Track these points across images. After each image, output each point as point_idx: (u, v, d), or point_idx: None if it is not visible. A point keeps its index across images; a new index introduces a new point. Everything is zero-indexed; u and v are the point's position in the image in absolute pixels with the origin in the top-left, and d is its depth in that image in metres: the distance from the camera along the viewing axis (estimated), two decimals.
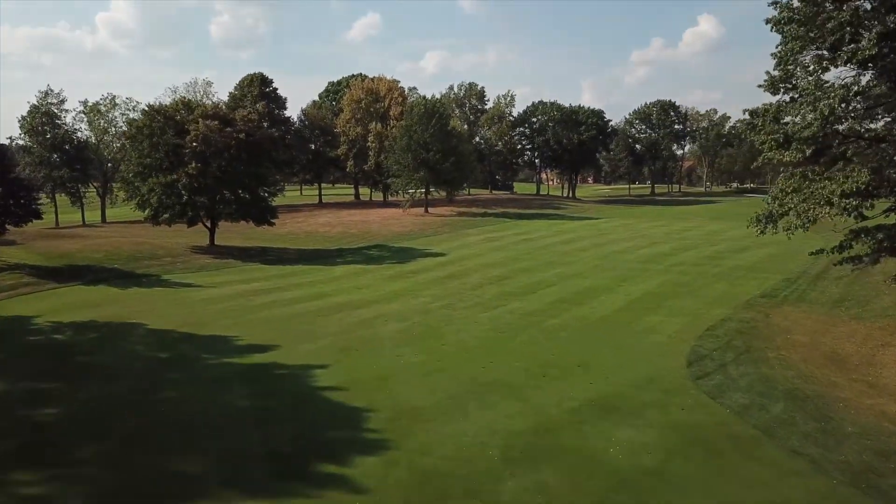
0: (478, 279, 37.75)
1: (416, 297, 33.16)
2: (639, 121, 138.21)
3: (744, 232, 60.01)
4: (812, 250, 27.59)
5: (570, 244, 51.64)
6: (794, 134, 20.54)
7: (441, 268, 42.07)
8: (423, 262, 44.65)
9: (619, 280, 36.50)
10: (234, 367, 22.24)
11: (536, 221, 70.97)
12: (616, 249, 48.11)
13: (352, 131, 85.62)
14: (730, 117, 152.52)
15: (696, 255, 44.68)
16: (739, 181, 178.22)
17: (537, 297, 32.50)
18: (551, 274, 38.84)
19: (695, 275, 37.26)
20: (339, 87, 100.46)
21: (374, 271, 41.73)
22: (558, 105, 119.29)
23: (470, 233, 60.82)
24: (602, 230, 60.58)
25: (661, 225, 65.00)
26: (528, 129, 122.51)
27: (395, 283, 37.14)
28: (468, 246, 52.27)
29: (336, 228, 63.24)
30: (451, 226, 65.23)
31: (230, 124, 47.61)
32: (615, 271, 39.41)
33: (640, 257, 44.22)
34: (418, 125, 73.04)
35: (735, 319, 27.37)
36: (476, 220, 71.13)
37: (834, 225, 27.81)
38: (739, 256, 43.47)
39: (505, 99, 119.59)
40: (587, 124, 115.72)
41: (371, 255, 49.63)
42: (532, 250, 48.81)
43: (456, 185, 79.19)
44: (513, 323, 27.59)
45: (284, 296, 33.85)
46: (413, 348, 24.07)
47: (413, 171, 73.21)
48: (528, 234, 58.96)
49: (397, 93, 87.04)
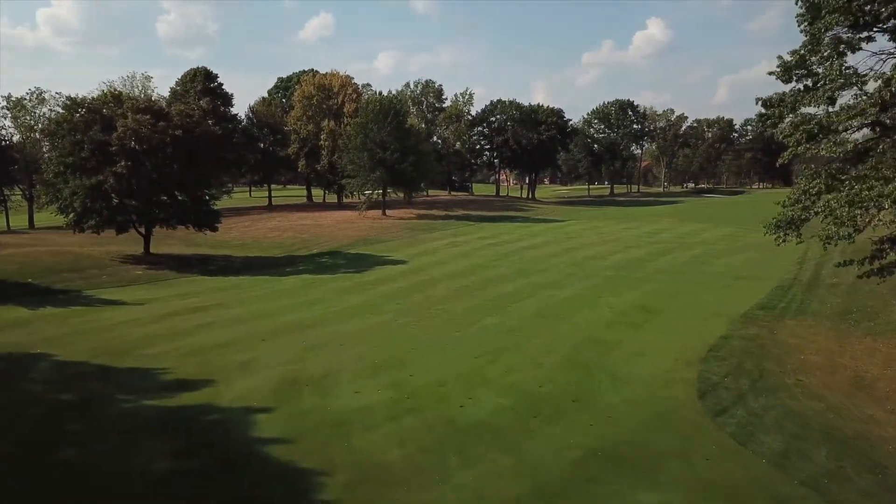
0: (445, 291, 34.04)
1: (376, 314, 29.25)
2: (597, 120, 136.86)
3: (716, 234, 58.31)
4: (790, 254, 24.67)
5: (539, 249, 48.37)
6: (832, 124, 17.44)
7: (403, 277, 38.21)
8: (382, 272, 40.71)
9: (599, 290, 33.28)
10: (154, 412, 18.02)
11: (500, 224, 67.64)
12: (589, 255, 45.03)
13: (303, 129, 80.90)
14: (687, 117, 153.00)
15: (674, 260, 41.90)
16: (695, 181, 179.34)
17: (513, 312, 28.98)
18: (524, 283, 35.41)
19: (680, 283, 34.32)
20: (289, 83, 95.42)
21: (328, 282, 37.60)
22: (517, 104, 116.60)
23: (432, 237, 57.05)
24: (570, 234, 57.60)
25: (629, 227, 62.41)
26: (486, 129, 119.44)
27: (351, 297, 33.14)
28: (431, 252, 48.51)
29: (286, 233, 58.66)
30: (411, 229, 61.34)
31: (165, 119, 42.73)
32: (592, 280, 36.22)
33: (616, 264, 41.18)
34: (374, 122, 68.96)
35: (738, 337, 24.33)
36: (437, 223, 67.41)
37: (822, 229, 25.14)
38: (720, 261, 40.85)
39: (463, 97, 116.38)
40: (547, 123, 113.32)
41: (324, 263, 45.41)
42: (500, 256, 45.35)
43: (415, 186, 75.42)
44: (489, 344, 23.96)
45: (224, 314, 29.51)
46: (375, 381, 20.21)
47: (369, 171, 69.09)
48: (494, 238, 55.52)
49: (351, 89, 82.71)
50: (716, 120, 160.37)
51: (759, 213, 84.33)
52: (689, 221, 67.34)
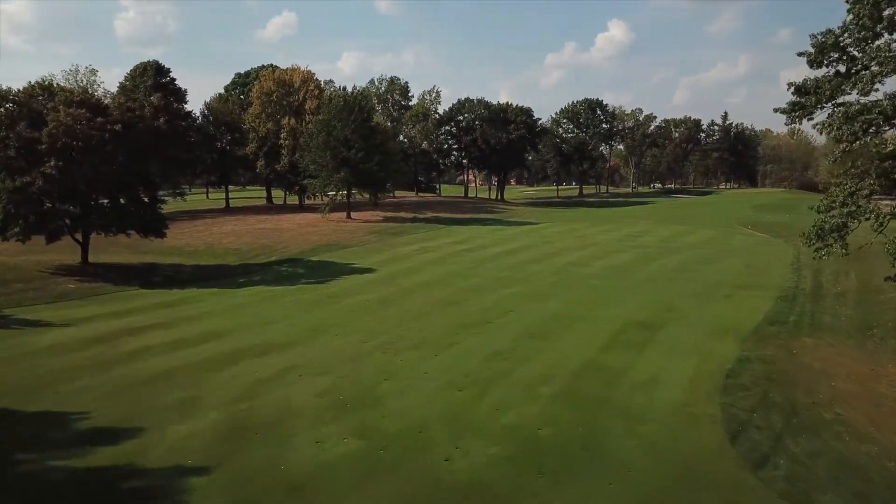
0: (419, 304, 30.57)
1: (341, 334, 25.64)
2: (566, 120, 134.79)
3: (699, 237, 55.47)
4: (797, 259, 21.98)
5: (517, 255, 45.22)
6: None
7: (371, 289, 34.60)
8: (348, 282, 37.05)
9: (588, 302, 30.20)
10: (61, 476, 14.28)
11: (473, 227, 64.34)
12: (570, 261, 42.03)
13: (262, 127, 76.41)
14: (655, 117, 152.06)
15: (662, 267, 39.13)
16: (662, 181, 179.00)
17: (497, 330, 25.68)
18: (505, 295, 32.16)
19: (674, 294, 31.46)
20: (247, 78, 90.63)
21: (288, 295, 33.79)
22: (486, 102, 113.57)
23: (401, 242, 53.46)
24: (546, 237, 54.62)
25: (607, 230, 59.76)
26: (454, 128, 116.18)
27: (313, 313, 29.45)
28: (401, 259, 44.95)
29: (243, 239, 54.42)
30: (378, 233, 57.64)
31: (103, 114, 38.33)
32: (578, 290, 33.17)
33: (601, 271, 38.24)
34: (337, 119, 65.04)
35: (755, 359, 21.43)
36: (406, 226, 63.79)
37: (803, 233, 22.55)
38: (712, 268, 38.20)
39: (430, 95, 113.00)
40: (516, 123, 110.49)
41: (284, 272, 41.51)
42: (476, 263, 42.05)
43: (382, 187, 71.63)
44: (474, 373, 20.61)
45: (165, 337, 25.54)
46: (341, 425, 16.69)
47: (333, 171, 65.13)
48: (467, 242, 52.20)
49: (313, 84, 78.48)
50: (683, 120, 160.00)
51: (735, 214, 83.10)
52: (667, 224, 65.08)
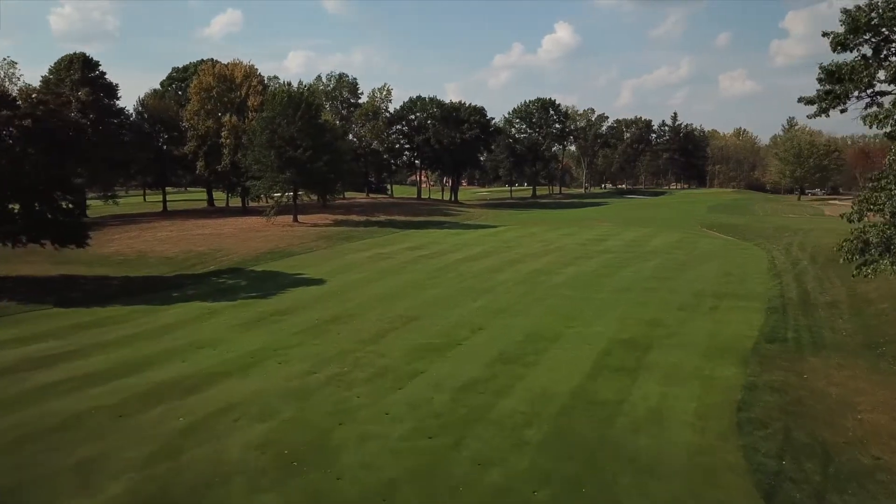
0: (376, 322, 27.13)
1: (286, 362, 22.02)
2: (519, 120, 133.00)
3: (665, 240, 52.75)
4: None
5: (479, 262, 42.18)
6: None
7: (321, 304, 30.95)
8: (294, 295, 33.28)
9: (564, 317, 27.33)
10: None
11: (429, 231, 61.11)
12: (536, 269, 39.22)
13: (201, 125, 71.47)
14: (607, 117, 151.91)
15: (635, 275, 36.66)
16: (612, 182, 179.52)
17: (467, 354, 22.50)
18: (472, 309, 29.03)
19: (655, 306, 28.88)
20: (185, 73, 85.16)
21: (225, 312, 29.83)
22: (438, 101, 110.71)
23: (353, 248, 49.79)
24: (507, 242, 51.81)
25: (568, 234, 57.40)
26: (406, 127, 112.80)
27: (254, 335, 25.68)
28: (354, 267, 41.31)
29: (179, 246, 49.80)
30: (328, 239, 53.78)
31: (9, 106, 33.58)
32: (549, 302, 30.30)
33: (571, 280, 35.52)
34: (282, 116, 60.88)
35: (763, 386, 18.82)
36: (358, 230, 60.05)
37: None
38: (688, 275, 35.92)
39: (381, 93, 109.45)
40: (469, 122, 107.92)
41: (222, 284, 37.39)
42: (436, 272, 38.82)
43: (331, 189, 67.67)
44: (446, 412, 17.37)
45: (74, 370, 21.44)
46: (286, 493, 13.23)
47: (277, 172, 60.91)
48: (425, 248, 48.92)
49: (256, 80, 73.92)
50: (634, 120, 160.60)
51: (693, 215, 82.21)
52: (628, 226, 63.20)
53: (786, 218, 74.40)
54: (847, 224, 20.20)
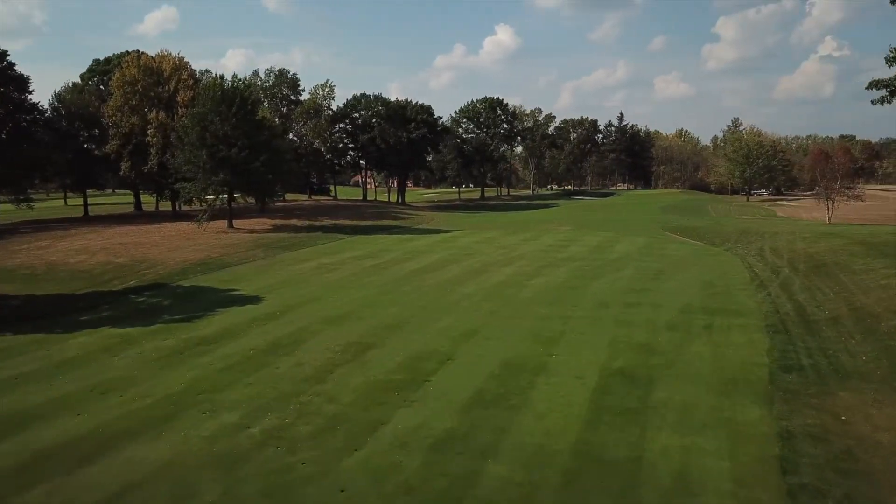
0: (323, 352, 22.87)
1: (211, 413, 17.61)
2: (466, 119, 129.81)
3: (631, 246, 48.27)
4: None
5: (437, 273, 38.23)
6: None
7: (257, 329, 26.43)
8: (226, 317, 28.59)
9: (545, 342, 23.69)
10: None
11: (379, 237, 56.73)
12: (501, 280, 35.58)
13: (125, 122, 64.97)
14: (554, 117, 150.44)
15: (610, 286, 33.42)
16: (559, 183, 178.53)
17: (436, 395, 18.57)
18: (436, 332, 25.11)
19: (643, 326, 25.54)
20: (107, 66, 78.12)
21: (142, 341, 24.97)
22: (384, 99, 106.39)
23: (295, 257, 45.03)
24: (466, 249, 47.99)
25: (528, 239, 54.07)
26: (350, 126, 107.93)
27: (174, 373, 21.07)
28: (296, 281, 36.69)
29: (96, 257, 44.04)
30: (266, 247, 48.79)
31: None
32: (524, 322, 26.63)
33: (542, 294, 31.97)
34: (215, 112, 55.52)
35: (801, 434, 15.60)
36: (300, 236, 55.14)
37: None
38: (668, 287, 32.86)
39: (323, 90, 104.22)
40: (416, 121, 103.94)
41: (142, 304, 32.28)
42: (390, 285, 34.68)
43: (270, 191, 62.46)
44: (418, 485, 13.49)
45: None
46: None
47: (210, 173, 55.51)
48: (375, 257, 44.61)
49: (186, 73, 67.88)
50: (580, 121, 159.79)
51: (648, 216, 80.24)
52: (588, 230, 60.42)
53: (742, 220, 73.31)
54: (813, 227, 17.28)
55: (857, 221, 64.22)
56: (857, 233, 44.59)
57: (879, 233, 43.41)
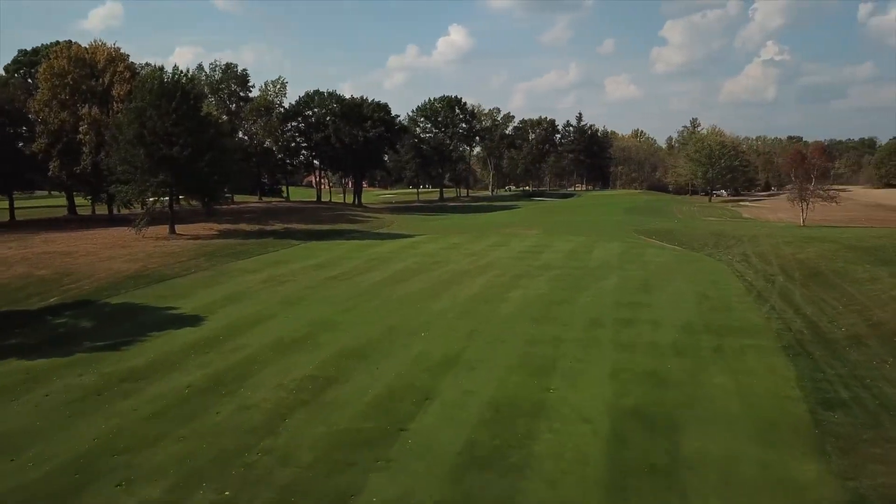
0: (273, 390, 18.97)
1: (127, 486, 13.62)
2: (424, 118, 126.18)
3: (607, 252, 44.71)
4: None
5: (403, 285, 34.50)
6: None
7: (196, 359, 22.29)
8: (159, 345, 24.29)
9: (537, 372, 20.31)
10: None
11: (336, 243, 52.56)
12: (475, 294, 32.07)
13: (54, 118, 59.15)
14: (513, 117, 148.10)
15: (596, 299, 30.29)
16: (516, 183, 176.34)
17: (417, 453, 14.98)
18: (409, 360, 21.46)
19: (645, 349, 22.40)
20: (36, 56, 71.68)
21: (53, 378, 20.55)
22: (339, 96, 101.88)
23: (242, 268, 40.59)
24: (432, 257, 44.30)
25: (497, 244, 50.75)
26: (302, 124, 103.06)
27: (86, 423, 16.89)
28: (243, 296, 32.41)
29: (14, 269, 38.77)
30: (210, 256, 44.16)
31: None
32: (509, 346, 23.19)
33: (524, 309, 28.63)
34: (153, 108, 50.53)
35: (875, 497, 12.56)
36: (249, 243, 50.54)
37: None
38: (661, 300, 29.87)
39: (275, 87, 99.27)
40: (373, 119, 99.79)
41: (60, 327, 27.58)
42: (351, 301, 30.78)
43: (216, 194, 57.53)
44: None
45: None
46: None
47: (149, 174, 50.52)
48: (333, 266, 40.52)
49: (123, 65, 62.30)
50: (538, 121, 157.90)
51: (614, 218, 77.84)
52: (558, 234, 57.49)
53: (711, 222, 71.70)
54: (790, 230, 14.58)
55: (828, 223, 63.14)
56: (840, 237, 42.72)
57: (865, 236, 41.60)
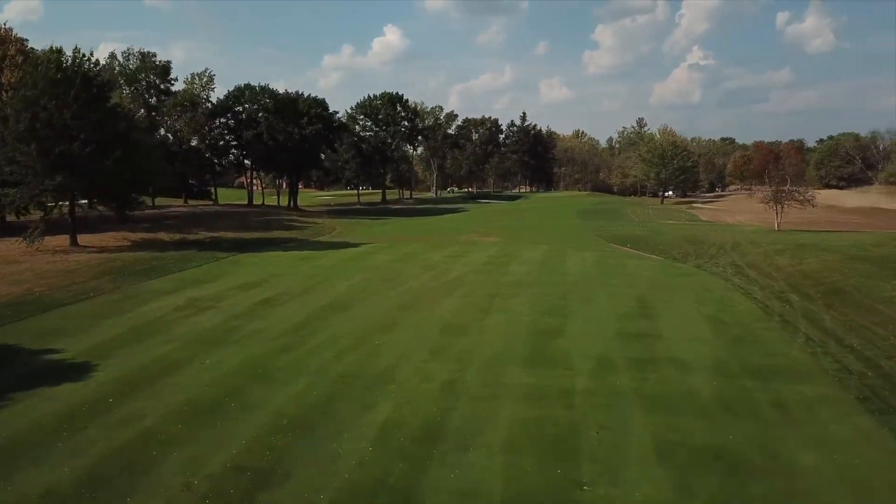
0: (179, 494, 12.72)
1: None
2: (364, 116, 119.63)
3: (581, 263, 39.45)
4: None
5: (354, 311, 28.30)
6: None
7: (72, 438, 15.66)
8: (22, 415, 17.45)
9: (555, 452, 14.83)
10: None
11: (270, 255, 45.65)
12: (445, 322, 26.21)
13: None
14: (457, 115, 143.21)
15: (591, 329, 24.92)
16: (459, 185, 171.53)
17: None
18: (371, 436, 15.51)
19: (685, 408, 17.14)
20: None
21: None
22: (271, 91, 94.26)
23: (155, 290, 33.41)
24: (384, 271, 38.16)
25: (455, 254, 45.01)
26: (232, 121, 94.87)
27: None
28: (151, 332, 25.48)
29: None
30: (117, 274, 36.74)
31: None
32: (506, 406, 17.63)
33: (508, 344, 23.02)
34: (50, 97, 42.65)
35: None
36: (167, 256, 43.06)
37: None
38: (668, 329, 24.75)
39: (201, 79, 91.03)
40: (310, 116, 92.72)
41: None
42: (288, 336, 24.42)
43: (127, 200, 49.53)
44: None
45: None
46: None
47: (43, 175, 42.55)
48: (267, 286, 33.84)
49: (14, 48, 53.55)
50: (481, 120, 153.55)
51: (573, 222, 73.28)
52: (519, 242, 52.28)
53: (673, 226, 68.22)
54: (772, 235, 10.11)
55: (796, 227, 60.45)
56: (832, 244, 39.11)
57: (862, 244, 38.10)
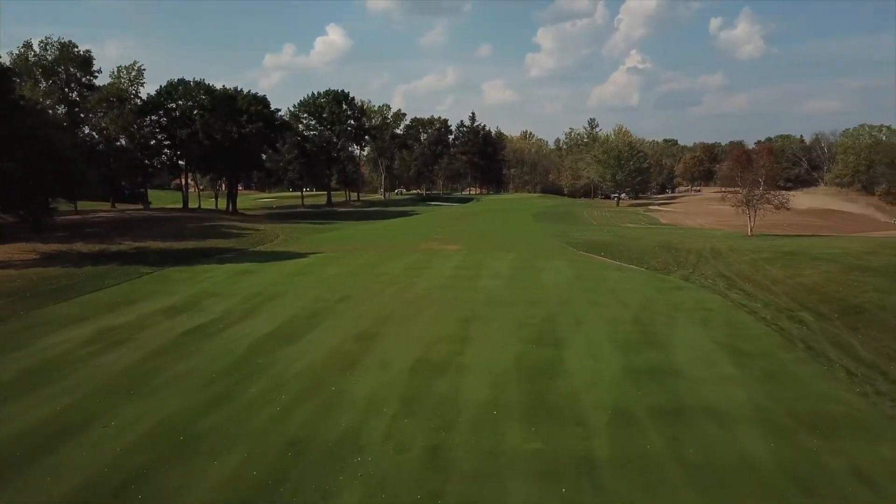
0: None
1: None
2: (307, 114, 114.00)
3: (557, 275, 35.76)
4: None
5: (301, 343, 23.69)
6: None
7: None
8: None
9: None
10: None
11: (204, 269, 40.12)
12: (415, 358, 21.91)
13: None
14: (405, 114, 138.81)
15: (596, 366, 20.92)
16: (407, 187, 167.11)
17: None
18: None
19: (745, 490, 13.46)
20: None
21: None
22: (208, 86, 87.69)
23: (62, 315, 27.79)
24: (336, 287, 33.37)
25: (415, 265, 40.57)
26: (164, 119, 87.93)
27: None
28: (47, 376, 20.27)
29: None
30: (16, 297, 30.86)
31: None
32: (506, 494, 13.55)
33: (496, 392, 18.91)
34: None
35: None
36: (80, 273, 37.10)
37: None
38: (682, 360, 21.08)
39: (129, 73, 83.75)
40: (250, 114, 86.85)
41: None
42: (221, 381, 19.64)
43: (38, 208, 43.26)
44: None
45: None
46: None
47: None
48: (195, 310, 28.62)
49: None
50: (430, 120, 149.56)
51: (531, 227, 69.74)
52: (482, 250, 48.19)
53: (635, 229, 65.73)
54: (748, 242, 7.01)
55: (765, 231, 58.62)
56: (822, 252, 36.62)
57: (855, 252, 35.65)
